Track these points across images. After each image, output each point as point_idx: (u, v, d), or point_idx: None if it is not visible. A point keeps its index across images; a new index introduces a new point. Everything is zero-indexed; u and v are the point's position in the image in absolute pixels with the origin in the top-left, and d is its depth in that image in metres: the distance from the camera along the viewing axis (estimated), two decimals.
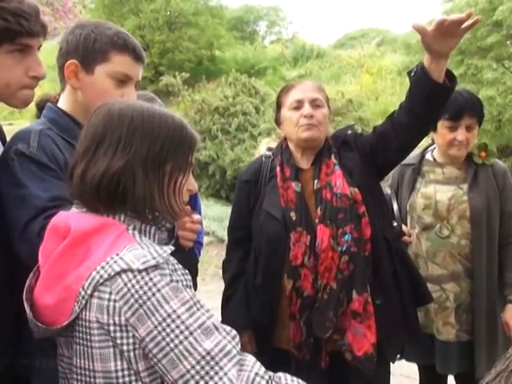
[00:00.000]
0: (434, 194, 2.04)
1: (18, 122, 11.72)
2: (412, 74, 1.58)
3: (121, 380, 0.91)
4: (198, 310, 0.91)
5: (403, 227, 2.10)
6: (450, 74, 1.55)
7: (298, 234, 1.63)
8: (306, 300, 1.61)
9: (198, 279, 1.86)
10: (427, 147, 2.21)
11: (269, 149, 2.59)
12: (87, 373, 0.93)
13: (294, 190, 1.70)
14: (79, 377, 0.94)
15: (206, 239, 6.96)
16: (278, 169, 1.76)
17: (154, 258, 0.90)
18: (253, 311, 1.72)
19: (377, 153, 1.71)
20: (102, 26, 1.41)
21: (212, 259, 6.05)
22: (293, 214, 1.66)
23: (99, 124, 1.00)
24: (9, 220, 1.27)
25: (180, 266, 0.95)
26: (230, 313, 1.77)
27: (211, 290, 4.52)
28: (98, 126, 1.00)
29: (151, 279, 0.88)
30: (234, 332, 0.94)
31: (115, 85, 1.38)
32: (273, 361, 1.10)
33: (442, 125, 2.01)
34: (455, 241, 2.00)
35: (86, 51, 1.37)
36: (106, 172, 0.96)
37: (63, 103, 1.44)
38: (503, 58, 9.83)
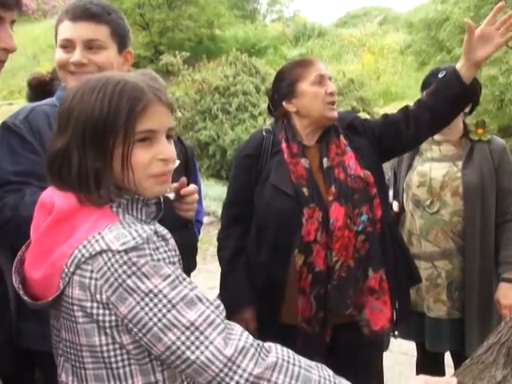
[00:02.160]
0: (429, 171, 2.06)
1: (17, 101, 11.68)
2: (440, 75, 1.69)
3: (106, 354, 0.93)
4: (181, 283, 0.91)
5: (394, 205, 2.13)
6: (474, 80, 1.66)
7: (312, 209, 1.64)
8: (317, 275, 1.63)
9: (199, 259, 1.88)
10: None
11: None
12: (74, 346, 0.95)
13: (303, 166, 1.70)
14: (68, 349, 0.97)
15: (206, 219, 6.97)
16: (283, 144, 1.74)
17: (134, 239, 0.90)
18: (258, 287, 1.72)
19: (385, 139, 1.76)
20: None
21: (212, 239, 6.07)
22: (305, 190, 1.67)
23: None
24: None
25: (163, 243, 0.94)
26: (233, 290, 1.76)
27: (212, 269, 4.55)
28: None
29: (130, 259, 0.89)
30: (218, 302, 0.95)
31: (62, 52, 1.42)
32: (278, 337, 1.11)
33: None
34: (447, 218, 2.01)
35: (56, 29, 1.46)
36: (50, 154, 0.98)
37: None
38: None
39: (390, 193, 2.20)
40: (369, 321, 1.66)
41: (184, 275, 0.94)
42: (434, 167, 2.06)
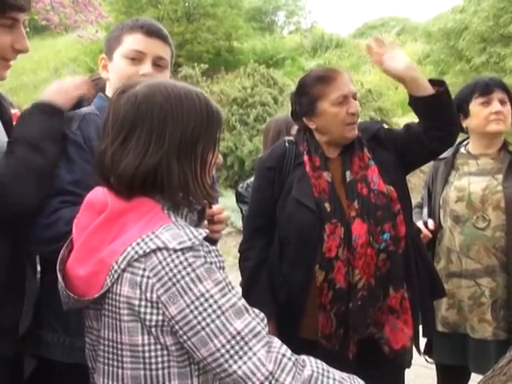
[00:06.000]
0: (468, 185, 2.00)
1: None
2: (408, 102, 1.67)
3: (147, 354, 0.93)
4: (230, 291, 0.93)
5: (429, 223, 2.07)
6: (435, 81, 1.62)
7: (333, 225, 1.61)
8: (337, 292, 1.60)
9: None
10: (461, 141, 2.17)
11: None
12: (114, 345, 0.95)
13: (325, 180, 1.67)
14: (106, 348, 0.97)
15: (224, 230, 6.99)
16: (305, 157, 1.71)
17: (190, 240, 0.92)
18: (279, 300, 1.69)
19: (408, 151, 1.71)
20: (126, 20, 1.50)
21: (230, 250, 6.09)
22: (327, 205, 1.63)
23: (127, 112, 0.98)
24: None
25: (214, 247, 0.96)
26: (255, 303, 1.72)
27: (230, 280, 4.54)
28: (125, 114, 0.98)
29: (186, 259, 0.90)
30: (262, 315, 0.97)
31: (129, 63, 1.43)
32: (298, 351, 1.09)
33: (474, 104, 2.01)
34: (490, 233, 1.94)
35: (108, 42, 1.49)
36: (141, 166, 0.96)
37: (108, 93, 1.53)
38: None
39: (425, 211, 2.15)
40: (389, 339, 1.62)
41: (232, 284, 0.96)
42: (473, 181, 2.00)
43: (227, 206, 7.27)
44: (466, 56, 10.35)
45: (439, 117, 1.63)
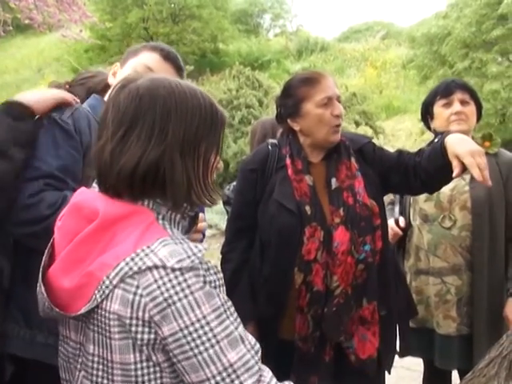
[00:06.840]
0: None
1: None
2: (436, 140, 1.63)
3: (139, 372, 0.88)
4: (228, 318, 0.89)
5: (400, 220, 2.09)
6: None
7: (313, 228, 1.62)
8: (315, 295, 1.61)
9: None
10: (432, 141, 2.20)
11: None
12: (105, 362, 0.90)
13: (307, 184, 1.68)
14: (95, 365, 0.92)
15: (208, 232, 6.97)
16: (288, 160, 1.71)
17: (189, 257, 0.86)
18: (259, 302, 1.70)
19: (393, 177, 1.73)
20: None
21: (215, 252, 6.07)
22: (308, 208, 1.64)
23: (128, 106, 0.94)
24: None
25: (212, 264, 0.91)
26: (235, 303, 1.72)
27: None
28: (127, 108, 0.94)
29: (185, 280, 0.85)
30: (258, 346, 0.92)
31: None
32: (277, 352, 1.07)
33: (437, 106, 2.03)
34: (456, 233, 1.97)
35: (126, 53, 1.57)
36: (141, 160, 0.91)
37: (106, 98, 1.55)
38: (508, 51, 9.80)
39: (396, 209, 2.17)
40: (356, 349, 1.64)
41: (232, 308, 0.91)
42: None
43: (211, 208, 7.26)
44: (448, 61, 10.49)
45: (446, 181, 1.66)
